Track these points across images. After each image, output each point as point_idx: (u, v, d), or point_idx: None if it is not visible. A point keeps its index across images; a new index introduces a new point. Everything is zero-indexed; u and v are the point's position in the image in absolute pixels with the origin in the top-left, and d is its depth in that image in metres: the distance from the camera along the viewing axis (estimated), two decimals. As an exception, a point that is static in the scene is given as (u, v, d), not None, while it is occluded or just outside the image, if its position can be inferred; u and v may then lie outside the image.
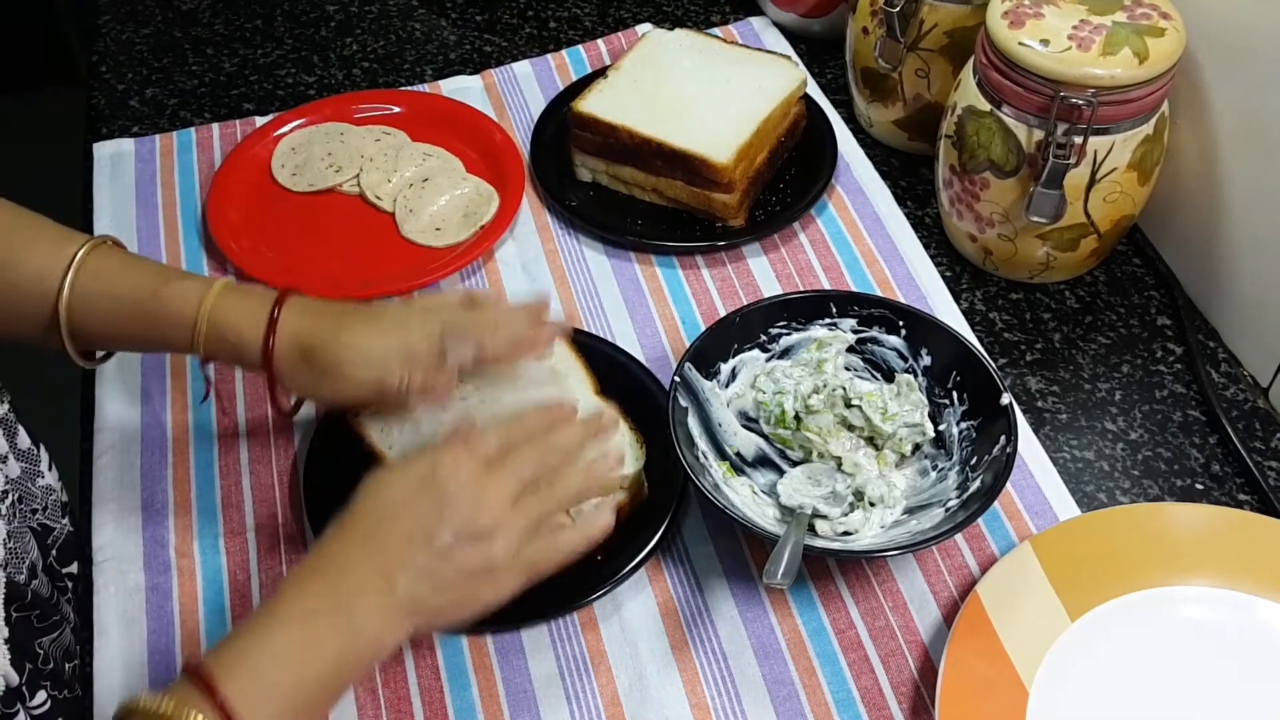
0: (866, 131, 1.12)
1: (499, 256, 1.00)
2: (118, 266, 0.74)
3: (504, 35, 1.24)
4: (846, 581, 0.79)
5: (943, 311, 0.94)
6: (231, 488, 0.84)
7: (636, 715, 0.73)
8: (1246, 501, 0.83)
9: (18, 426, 0.68)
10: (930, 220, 1.04)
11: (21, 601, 0.63)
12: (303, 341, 0.73)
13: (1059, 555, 0.76)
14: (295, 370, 0.73)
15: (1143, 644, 0.73)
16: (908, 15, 0.99)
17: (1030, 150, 0.88)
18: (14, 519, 0.64)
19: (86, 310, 0.72)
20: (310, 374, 0.73)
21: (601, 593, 0.76)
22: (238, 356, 0.73)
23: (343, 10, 1.27)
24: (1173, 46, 0.84)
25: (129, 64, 1.21)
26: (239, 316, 0.73)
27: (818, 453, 0.82)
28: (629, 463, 0.79)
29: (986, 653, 0.72)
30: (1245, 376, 0.91)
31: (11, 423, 0.67)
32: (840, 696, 0.73)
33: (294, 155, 1.07)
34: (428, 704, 0.73)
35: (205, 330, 0.72)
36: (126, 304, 0.73)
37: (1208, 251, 0.94)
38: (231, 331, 0.72)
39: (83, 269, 0.72)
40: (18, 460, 0.66)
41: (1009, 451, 0.76)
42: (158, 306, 0.73)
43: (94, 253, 0.73)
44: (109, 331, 0.74)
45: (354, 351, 0.72)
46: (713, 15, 1.26)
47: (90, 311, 0.72)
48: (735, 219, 1.00)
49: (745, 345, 0.86)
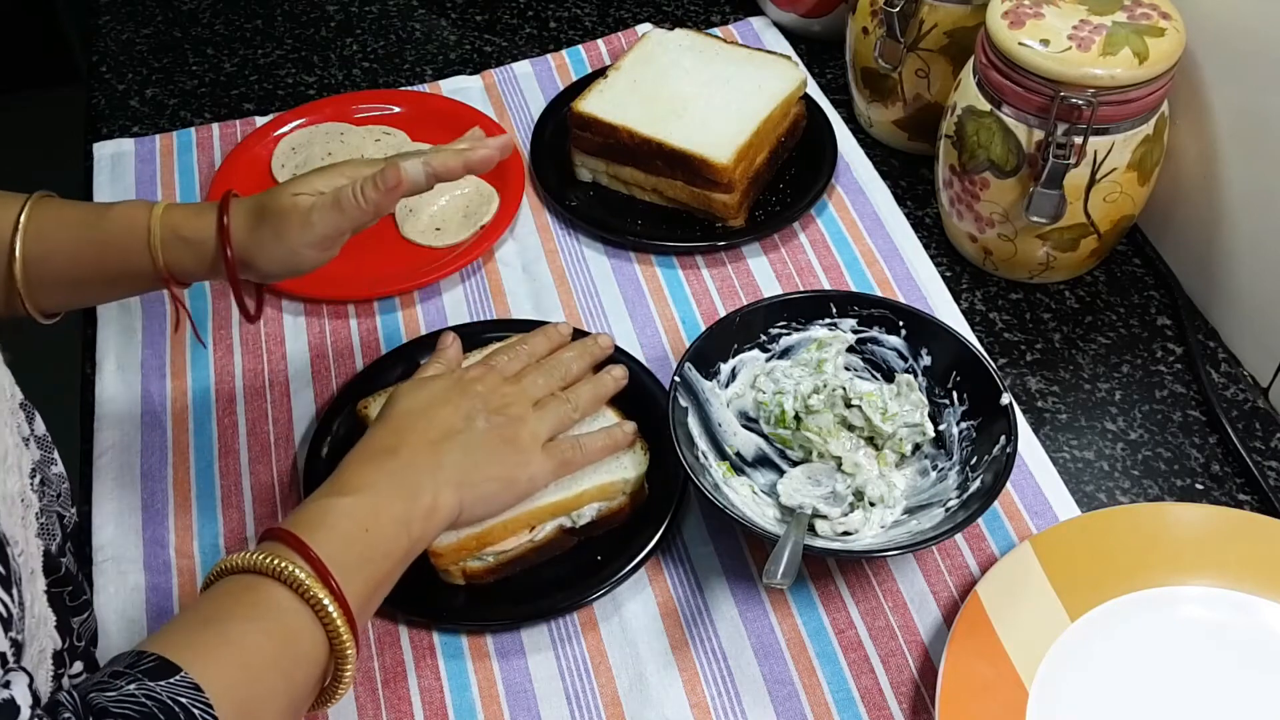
0: (866, 131, 1.12)
1: (499, 256, 1.00)
2: (59, 206, 0.76)
3: (504, 35, 1.24)
4: (846, 581, 0.79)
5: (943, 311, 0.94)
6: (231, 488, 0.84)
7: (636, 715, 0.73)
8: (1246, 501, 0.83)
9: (34, 412, 0.68)
10: (930, 220, 1.04)
11: (56, 575, 0.64)
12: (252, 205, 0.75)
13: (1059, 555, 0.76)
14: (253, 239, 0.74)
15: (1143, 644, 0.73)
16: (908, 15, 0.99)
17: (1030, 150, 0.88)
18: (42, 498, 0.65)
19: (40, 253, 0.73)
20: (268, 234, 0.74)
21: (601, 593, 0.76)
22: (194, 253, 0.74)
23: (343, 10, 1.28)
24: (1173, 46, 0.84)
25: (129, 64, 1.21)
26: (188, 215, 0.75)
27: (818, 453, 0.82)
28: (631, 466, 0.79)
29: (986, 653, 0.72)
30: (1245, 376, 0.91)
31: (30, 408, 0.68)
32: (840, 696, 0.73)
33: (294, 155, 1.07)
34: (428, 704, 0.73)
35: (160, 234, 0.74)
36: (76, 231, 0.74)
37: (1208, 251, 0.94)
38: (186, 227, 0.74)
39: (30, 216, 0.73)
40: (38, 446, 0.67)
41: (1009, 451, 0.76)
42: (109, 225, 0.74)
43: (37, 204, 0.74)
44: (64, 268, 0.74)
45: (302, 185, 0.75)
46: (713, 15, 1.26)
47: (45, 254, 0.73)
48: (735, 219, 1.00)
49: (745, 345, 0.86)
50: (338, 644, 0.61)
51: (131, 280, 0.77)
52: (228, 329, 0.95)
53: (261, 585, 0.60)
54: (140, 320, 0.95)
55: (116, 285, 0.78)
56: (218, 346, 0.93)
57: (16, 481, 0.63)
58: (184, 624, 0.60)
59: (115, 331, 0.94)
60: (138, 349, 0.93)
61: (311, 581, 0.60)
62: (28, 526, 0.63)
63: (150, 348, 0.93)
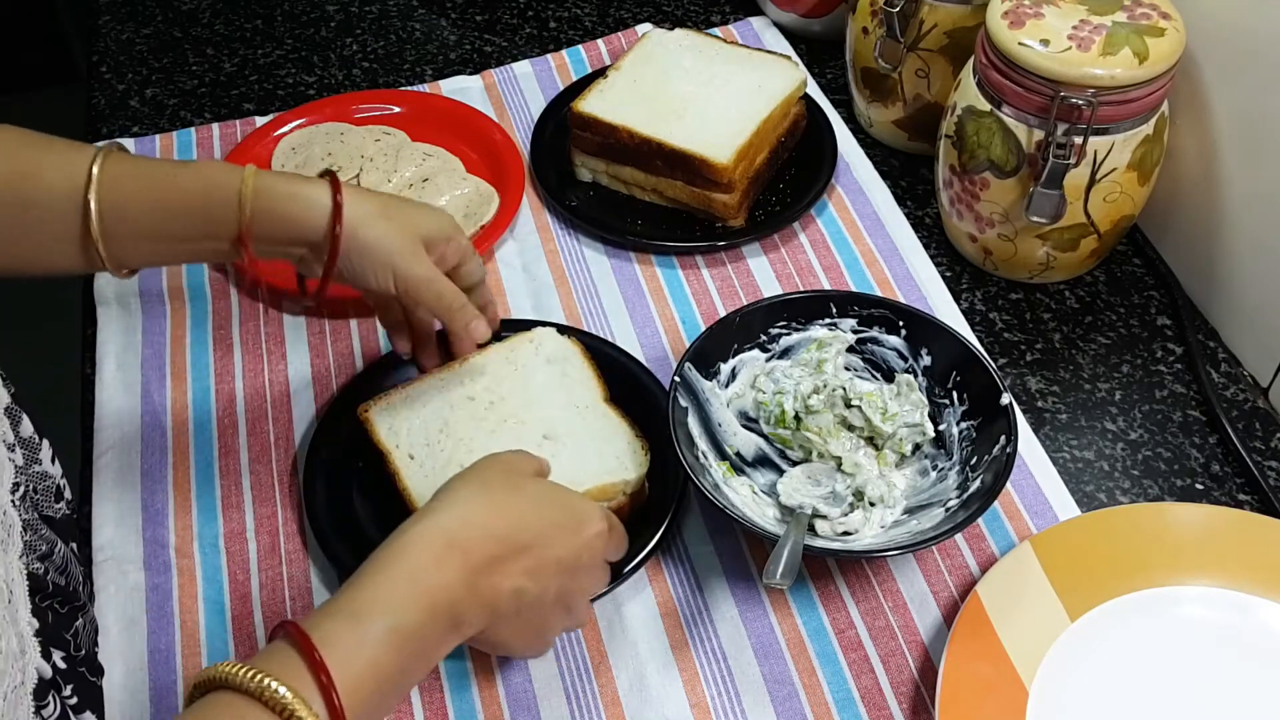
0: (866, 131, 1.12)
1: (499, 256, 1.00)
2: (133, 159, 0.73)
3: (504, 35, 1.24)
4: (846, 581, 0.79)
5: (943, 311, 0.94)
6: (231, 488, 0.84)
7: (636, 715, 0.73)
8: (1246, 501, 0.83)
9: (21, 415, 0.67)
10: (930, 220, 1.04)
11: (44, 592, 0.63)
12: (378, 205, 0.76)
13: (1059, 555, 0.76)
14: (369, 229, 0.75)
15: (1143, 644, 0.73)
16: (908, 15, 0.99)
17: (1030, 150, 0.88)
18: (25, 511, 0.64)
19: (116, 202, 0.71)
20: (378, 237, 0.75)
21: (602, 593, 0.76)
22: (285, 218, 0.73)
23: (343, 10, 1.28)
24: (1173, 46, 0.84)
25: (129, 64, 1.21)
26: (289, 180, 0.74)
27: (818, 453, 0.82)
28: (632, 467, 0.79)
29: (986, 653, 0.72)
30: (1245, 376, 0.91)
31: (16, 411, 0.67)
32: (840, 696, 0.73)
33: (294, 155, 1.07)
34: (428, 704, 0.73)
35: (252, 188, 0.72)
36: (154, 180, 0.72)
37: (1208, 251, 0.94)
38: (284, 190, 0.73)
39: (104, 166, 0.71)
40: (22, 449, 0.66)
41: (1009, 451, 0.76)
42: (191, 177, 0.73)
43: (110, 155, 0.72)
44: (142, 219, 0.72)
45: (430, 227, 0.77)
46: (713, 15, 1.26)
47: (120, 204, 0.71)
48: (735, 219, 1.00)
49: (745, 345, 0.86)
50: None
51: (209, 240, 0.74)
52: (228, 329, 0.95)
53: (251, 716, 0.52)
54: (140, 320, 0.95)
55: (192, 243, 0.75)
56: (218, 347, 0.93)
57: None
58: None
59: (115, 331, 0.94)
60: (138, 349, 0.93)
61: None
62: (8, 550, 0.60)
63: (150, 348, 0.93)
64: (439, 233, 0.78)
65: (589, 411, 0.83)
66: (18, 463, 0.65)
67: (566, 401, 0.83)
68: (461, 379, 0.84)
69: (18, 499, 0.63)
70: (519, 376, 0.85)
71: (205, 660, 0.76)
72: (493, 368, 0.85)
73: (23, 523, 0.63)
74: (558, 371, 0.85)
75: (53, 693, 0.62)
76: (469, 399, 0.83)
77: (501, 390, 0.84)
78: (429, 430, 0.81)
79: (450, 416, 0.82)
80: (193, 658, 0.76)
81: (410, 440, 0.81)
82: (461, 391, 0.84)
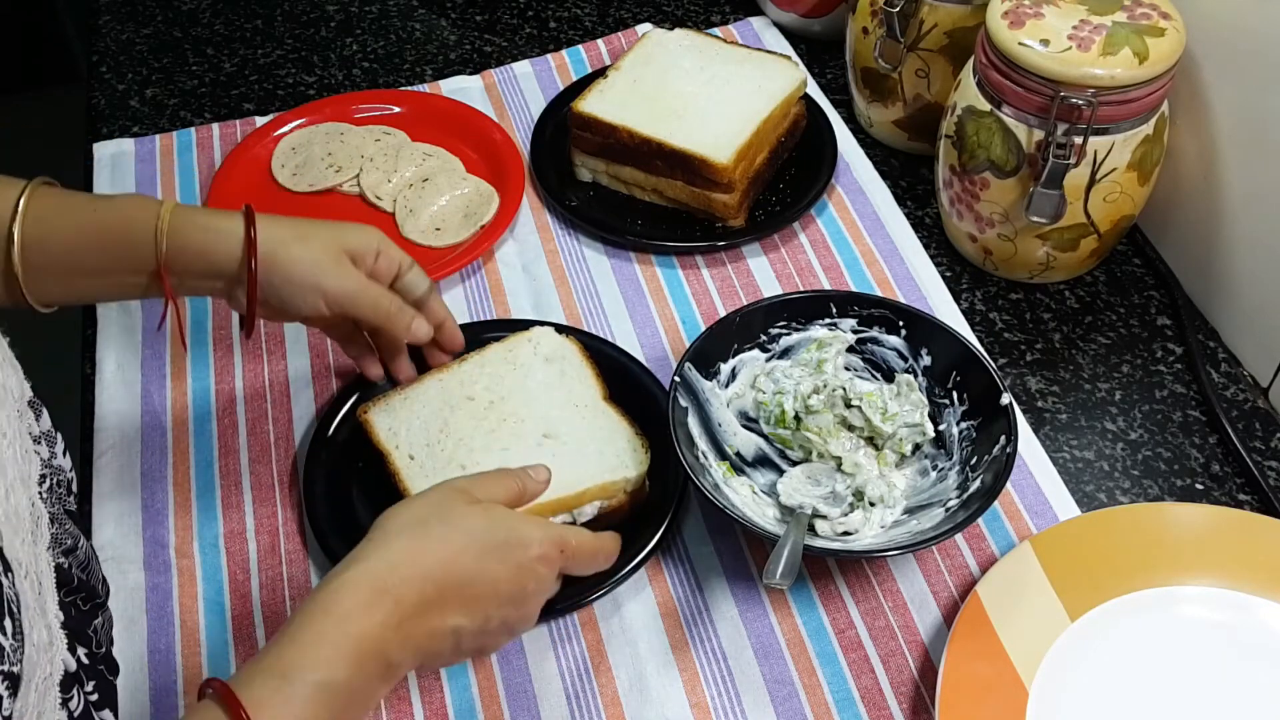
0: (866, 131, 1.12)
1: (499, 256, 1.00)
2: (61, 193, 0.74)
3: (504, 35, 1.24)
4: (846, 581, 0.79)
5: (943, 311, 0.94)
6: (231, 488, 0.84)
7: (636, 715, 0.73)
8: (1246, 501, 0.83)
9: (42, 409, 0.68)
10: (930, 220, 1.04)
11: (69, 586, 0.63)
12: (292, 231, 0.75)
13: (1059, 555, 0.76)
14: (285, 253, 0.75)
15: (1143, 644, 0.73)
16: (908, 15, 0.99)
17: (1030, 150, 0.88)
18: (50, 504, 0.64)
19: (39, 236, 0.71)
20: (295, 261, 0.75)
21: (601, 593, 0.76)
22: (203, 252, 0.73)
23: (343, 10, 1.28)
24: (1173, 46, 0.84)
25: (129, 64, 1.21)
26: (205, 213, 0.75)
27: (818, 453, 0.82)
28: (633, 465, 0.79)
29: (986, 653, 0.72)
30: (1245, 376, 0.91)
31: (37, 404, 0.67)
32: (840, 696, 0.73)
33: (294, 155, 1.07)
34: (428, 704, 0.73)
35: (169, 224, 0.72)
36: (78, 216, 0.72)
37: (1207, 251, 0.94)
38: (200, 224, 0.73)
39: (31, 200, 0.71)
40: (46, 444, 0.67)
41: (1009, 451, 0.76)
42: (112, 212, 0.73)
43: (38, 189, 0.72)
44: (63, 254, 0.72)
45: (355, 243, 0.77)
46: (713, 15, 1.26)
47: (43, 238, 0.71)
48: (735, 219, 1.00)
49: (745, 345, 0.86)
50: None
51: (127, 274, 0.75)
52: (228, 329, 0.95)
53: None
54: (140, 320, 0.95)
55: (111, 276, 0.75)
56: (218, 347, 0.93)
57: (24, 494, 0.60)
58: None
59: (115, 331, 0.94)
60: (138, 349, 0.93)
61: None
62: (38, 541, 0.61)
63: (150, 348, 0.93)
64: (363, 246, 0.78)
65: (589, 410, 0.83)
66: (43, 456, 0.65)
67: (566, 400, 0.83)
68: (461, 379, 0.84)
69: (44, 491, 0.64)
70: (518, 376, 0.85)
71: (205, 660, 0.76)
72: (492, 367, 0.85)
73: (49, 515, 0.63)
74: (556, 370, 0.85)
75: (76, 686, 0.62)
76: (468, 399, 0.83)
77: (501, 390, 0.84)
78: (429, 430, 0.81)
79: (450, 416, 0.82)
80: (193, 658, 0.76)
81: (410, 440, 0.81)
82: (461, 391, 0.84)
